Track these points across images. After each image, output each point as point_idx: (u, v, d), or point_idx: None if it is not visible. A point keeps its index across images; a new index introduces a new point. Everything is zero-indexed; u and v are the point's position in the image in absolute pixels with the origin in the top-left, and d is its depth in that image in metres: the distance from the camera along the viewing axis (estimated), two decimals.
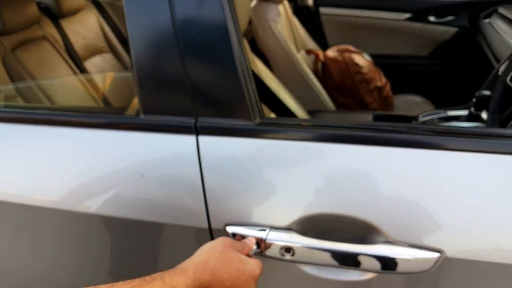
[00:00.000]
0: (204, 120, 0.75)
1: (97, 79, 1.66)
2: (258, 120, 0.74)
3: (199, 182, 0.75)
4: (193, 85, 0.74)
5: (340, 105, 2.02)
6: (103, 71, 1.78)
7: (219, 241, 0.64)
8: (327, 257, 0.71)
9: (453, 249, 0.67)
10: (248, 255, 0.67)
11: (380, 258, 0.69)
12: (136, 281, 0.52)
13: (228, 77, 0.73)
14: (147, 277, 0.54)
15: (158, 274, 0.55)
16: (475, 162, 0.67)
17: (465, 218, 0.67)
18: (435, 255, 0.67)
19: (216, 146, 0.76)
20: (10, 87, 1.36)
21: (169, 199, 0.78)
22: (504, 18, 1.81)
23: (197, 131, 0.75)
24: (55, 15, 1.69)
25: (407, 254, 0.68)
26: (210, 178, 0.75)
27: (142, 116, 0.78)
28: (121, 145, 0.80)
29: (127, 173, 0.79)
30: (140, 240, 0.85)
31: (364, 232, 0.70)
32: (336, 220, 0.71)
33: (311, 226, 0.72)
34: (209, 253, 0.62)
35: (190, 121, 0.76)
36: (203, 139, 0.75)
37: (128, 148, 0.79)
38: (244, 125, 0.75)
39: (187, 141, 0.76)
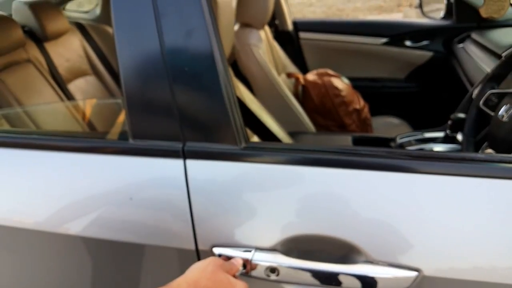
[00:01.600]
0: (191, 145, 0.78)
1: (82, 103, 1.67)
2: (243, 145, 0.77)
3: (186, 204, 0.77)
4: (181, 111, 0.76)
5: (320, 127, 2.06)
6: (87, 95, 1.79)
7: (210, 261, 0.66)
8: (311, 277, 0.74)
9: (431, 268, 0.70)
10: (234, 276, 0.69)
11: (360, 278, 0.72)
12: None
13: (214, 104, 0.76)
14: None
15: None
16: (450, 185, 0.70)
17: (441, 238, 0.70)
18: (413, 273, 0.70)
19: (203, 170, 0.78)
20: None
21: (157, 222, 0.79)
22: (476, 43, 1.88)
23: (185, 155, 0.77)
24: (40, 39, 1.71)
25: (386, 273, 0.71)
26: (197, 200, 0.77)
27: (131, 141, 0.80)
28: (110, 168, 0.82)
29: (116, 196, 0.80)
30: (128, 262, 0.85)
31: (345, 252, 0.73)
32: (319, 240, 0.74)
33: (295, 246, 0.75)
34: (200, 272, 0.64)
35: (178, 145, 0.78)
36: (190, 163, 0.77)
37: (118, 172, 0.81)
38: (230, 149, 0.77)
39: (175, 164, 0.78)
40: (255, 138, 1.34)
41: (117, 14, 0.76)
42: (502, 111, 1.10)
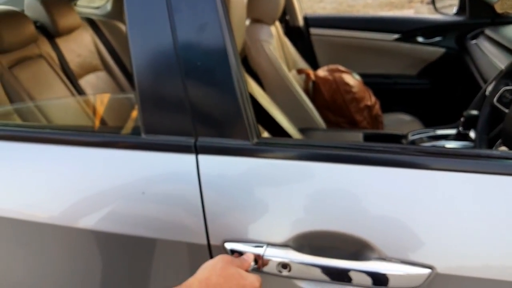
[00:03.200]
0: (203, 140, 0.78)
1: (93, 98, 1.68)
2: (255, 140, 0.77)
3: (198, 199, 0.77)
4: (193, 106, 0.77)
5: (331, 123, 2.05)
6: (98, 90, 1.80)
7: (219, 259, 0.66)
8: (323, 273, 0.73)
9: (444, 266, 0.70)
10: (246, 271, 0.69)
11: (372, 274, 0.71)
12: None
13: (227, 99, 0.76)
14: None
15: None
16: (464, 182, 0.70)
17: (455, 236, 0.69)
18: (427, 271, 0.70)
19: (215, 165, 0.78)
20: (7, 107, 1.38)
21: (169, 216, 0.80)
22: (490, 39, 1.86)
23: (197, 150, 0.78)
24: (51, 34, 1.72)
25: (399, 270, 0.70)
26: (209, 196, 0.77)
27: (143, 136, 0.80)
28: (123, 163, 0.82)
29: (129, 191, 0.81)
30: (140, 256, 0.86)
31: (358, 248, 0.73)
32: (331, 237, 0.73)
33: (307, 243, 0.74)
34: (210, 270, 0.64)
35: (190, 140, 0.78)
36: (202, 158, 0.78)
37: (130, 166, 0.81)
38: (242, 145, 0.77)
39: (187, 160, 0.78)
40: (265, 134, 1.34)
41: (130, 10, 0.76)
42: None
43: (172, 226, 0.80)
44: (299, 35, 2.38)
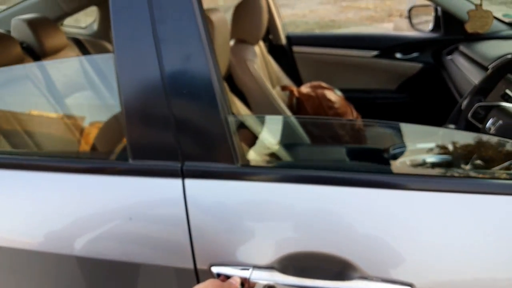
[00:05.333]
0: (190, 164, 0.80)
1: (79, 118, 1.69)
2: (240, 163, 0.80)
3: (185, 224, 0.79)
4: (179, 132, 0.79)
5: (314, 138, 2.08)
6: (84, 110, 1.80)
7: (208, 283, 0.68)
8: None
9: (423, 282, 0.73)
10: None
11: None
12: None
13: (211, 124, 0.78)
14: None
15: None
16: (440, 201, 0.73)
17: (433, 254, 0.72)
18: None
19: (201, 189, 0.80)
20: None
21: (156, 241, 0.81)
22: (464, 55, 1.92)
23: (183, 174, 0.80)
24: (38, 55, 1.73)
25: None
26: (195, 219, 0.79)
27: (131, 161, 0.82)
28: (110, 189, 0.84)
29: (116, 217, 0.82)
30: (128, 282, 0.87)
31: (341, 268, 0.75)
32: (315, 258, 0.76)
33: (292, 264, 0.77)
34: None
35: (177, 165, 0.80)
36: (189, 182, 0.80)
37: (118, 192, 0.83)
38: (227, 168, 0.79)
39: (174, 184, 0.80)
40: (251, 153, 1.36)
41: (118, 40, 0.78)
42: (489, 123, 1.13)
43: (159, 251, 0.82)
44: (283, 53, 2.43)
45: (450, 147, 1.31)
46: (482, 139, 1.08)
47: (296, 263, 0.77)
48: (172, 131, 0.79)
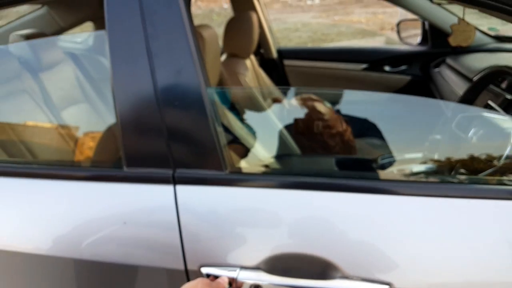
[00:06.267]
0: (181, 171, 0.85)
1: (75, 130, 1.73)
2: (228, 170, 0.84)
3: (176, 227, 0.83)
4: (171, 141, 0.84)
5: (305, 149, 2.13)
6: (80, 122, 1.85)
7: (198, 281, 0.72)
8: None
9: (400, 282, 0.77)
10: None
11: None
12: None
13: (201, 134, 0.83)
14: None
15: None
16: (416, 204, 0.77)
17: (410, 255, 0.77)
18: (385, 287, 0.77)
19: (191, 194, 0.84)
20: None
21: (149, 244, 0.86)
22: (451, 68, 1.98)
23: (175, 181, 0.84)
24: (35, 69, 1.77)
25: (360, 287, 0.78)
26: (186, 223, 0.83)
27: (125, 169, 0.86)
28: (106, 195, 0.88)
29: (111, 221, 0.87)
30: (122, 283, 0.91)
31: (323, 268, 0.80)
32: (299, 258, 0.80)
33: (277, 265, 0.81)
34: None
35: (169, 172, 0.85)
36: (180, 188, 0.84)
37: (113, 198, 0.87)
38: (216, 175, 0.84)
39: (166, 190, 0.84)
40: (242, 163, 1.41)
41: (113, 55, 0.83)
42: (471, 133, 1.19)
43: (152, 253, 0.86)
44: (274, 66, 2.49)
45: (435, 156, 1.36)
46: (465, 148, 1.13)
47: (281, 264, 0.81)
48: (165, 140, 0.84)
